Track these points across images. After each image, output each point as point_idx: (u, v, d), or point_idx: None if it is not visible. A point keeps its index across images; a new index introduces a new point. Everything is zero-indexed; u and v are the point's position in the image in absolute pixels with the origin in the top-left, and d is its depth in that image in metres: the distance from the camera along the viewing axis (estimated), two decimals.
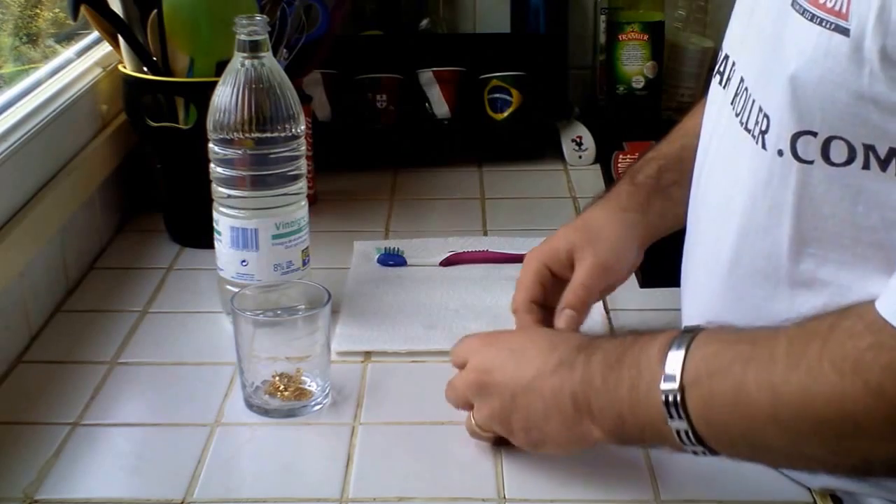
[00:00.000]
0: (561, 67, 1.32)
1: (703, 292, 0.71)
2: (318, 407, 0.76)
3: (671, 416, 0.58)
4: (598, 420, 0.62)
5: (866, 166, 0.57)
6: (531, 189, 1.19)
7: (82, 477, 0.69)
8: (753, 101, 0.64)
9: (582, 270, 0.77)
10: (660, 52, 1.30)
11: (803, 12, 0.58)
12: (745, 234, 0.65)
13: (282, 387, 0.76)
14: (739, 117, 0.66)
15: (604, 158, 1.23)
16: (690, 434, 0.58)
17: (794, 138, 0.59)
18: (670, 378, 0.58)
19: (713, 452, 0.59)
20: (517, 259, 0.99)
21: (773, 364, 0.55)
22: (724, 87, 0.70)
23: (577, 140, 1.27)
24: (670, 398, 0.58)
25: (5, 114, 0.91)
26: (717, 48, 1.31)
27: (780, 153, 0.60)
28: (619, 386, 0.61)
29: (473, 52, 1.29)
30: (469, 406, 0.70)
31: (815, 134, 0.58)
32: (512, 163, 1.26)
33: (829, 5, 0.56)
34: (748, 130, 0.64)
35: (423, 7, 1.37)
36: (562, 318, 0.75)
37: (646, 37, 1.29)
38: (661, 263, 0.84)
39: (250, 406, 0.76)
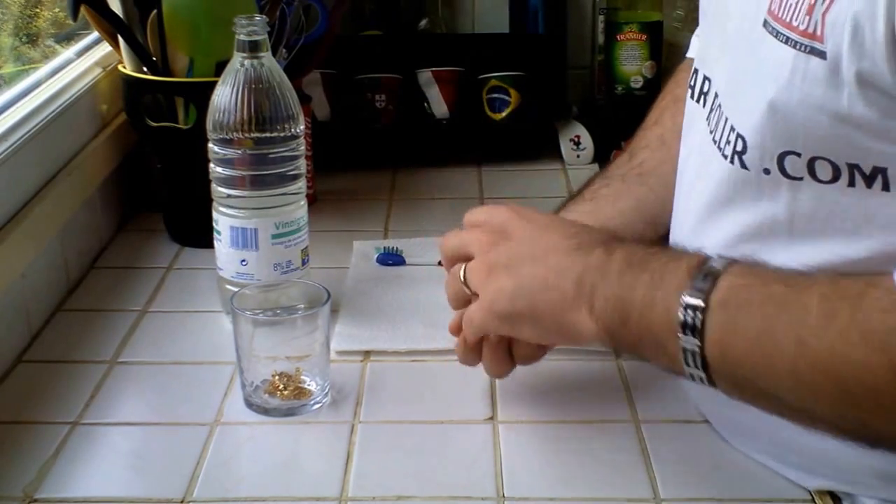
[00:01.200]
0: (559, 67, 1.33)
1: None
2: (317, 406, 0.76)
3: (684, 332, 0.56)
4: (596, 311, 0.61)
5: (851, 183, 0.57)
6: (530, 189, 1.19)
7: (82, 476, 0.69)
8: (726, 120, 0.63)
9: None
10: (658, 51, 1.30)
11: (776, 35, 0.58)
12: (733, 248, 0.64)
13: (281, 386, 0.76)
14: (713, 135, 0.65)
15: (602, 158, 1.23)
16: (697, 356, 0.56)
17: (781, 157, 0.59)
18: (697, 293, 0.56)
19: (710, 383, 0.57)
20: None
21: (807, 316, 0.53)
22: (698, 103, 0.70)
23: (576, 140, 1.27)
24: (689, 313, 0.56)
25: (5, 114, 0.91)
26: None
27: (767, 171, 0.60)
28: (636, 285, 0.59)
29: (472, 52, 1.29)
30: (454, 262, 0.70)
31: (799, 154, 0.58)
32: (510, 162, 1.26)
33: (803, 28, 0.56)
34: (719, 149, 0.64)
35: (422, 7, 1.37)
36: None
37: (644, 37, 1.29)
38: None
39: (250, 405, 0.76)
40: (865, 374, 0.52)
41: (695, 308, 0.56)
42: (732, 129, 0.62)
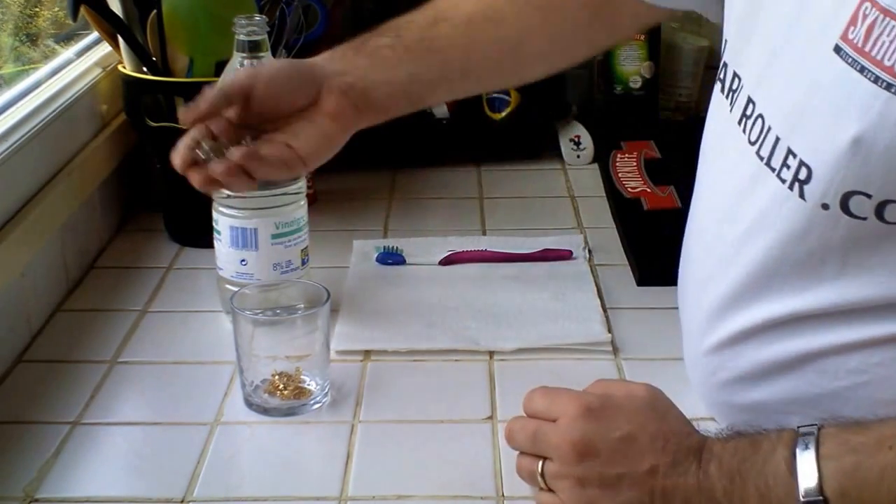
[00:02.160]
0: None
1: (705, 302, 0.69)
2: (317, 406, 0.76)
3: None
4: None
5: None
6: (529, 188, 1.19)
7: (82, 476, 0.69)
8: (778, 140, 0.61)
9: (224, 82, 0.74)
10: (656, 51, 1.30)
11: (861, 70, 0.55)
12: (773, 272, 0.62)
13: (281, 385, 0.76)
14: (757, 148, 0.63)
15: (602, 158, 1.23)
16: None
17: (847, 196, 0.57)
18: (808, 490, 0.55)
19: None
20: (516, 258, 1.00)
21: None
22: (728, 99, 0.68)
23: (576, 139, 1.27)
24: None
25: (5, 114, 0.90)
26: (713, 47, 1.32)
27: (826, 206, 0.58)
28: (746, 499, 0.58)
29: None
30: (525, 450, 0.64)
31: (869, 196, 0.56)
32: (510, 162, 1.26)
33: (889, 64, 0.53)
34: (771, 168, 0.61)
35: (422, 6, 1.37)
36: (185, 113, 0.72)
37: (642, 37, 1.29)
38: (658, 261, 0.84)
39: (250, 405, 0.76)
40: None
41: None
42: (793, 154, 0.60)
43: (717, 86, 0.71)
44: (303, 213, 0.88)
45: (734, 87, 0.68)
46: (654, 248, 0.94)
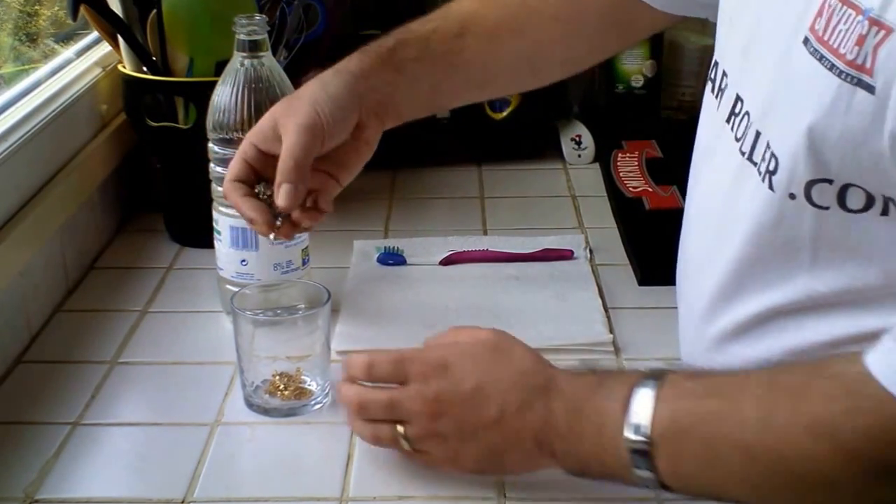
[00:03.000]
0: None
1: (699, 301, 0.70)
2: (318, 406, 0.76)
3: (637, 469, 0.58)
4: (560, 461, 0.63)
5: (885, 212, 0.56)
6: (531, 188, 1.19)
7: (83, 477, 0.69)
8: (759, 134, 0.62)
9: (286, 138, 0.73)
10: (659, 50, 1.30)
11: (820, 58, 0.55)
12: (749, 266, 0.63)
13: (282, 386, 0.76)
14: (741, 144, 0.64)
15: (603, 157, 1.23)
16: (656, 482, 0.59)
17: (809, 185, 0.57)
18: (638, 432, 0.58)
19: (675, 492, 0.60)
20: (517, 258, 0.99)
21: (745, 426, 0.55)
22: (716, 98, 0.69)
23: (577, 139, 1.27)
24: (637, 450, 0.58)
25: (5, 114, 0.90)
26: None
27: (793, 196, 0.59)
28: (583, 435, 0.61)
29: None
30: (382, 419, 0.67)
31: (830, 181, 0.57)
32: (511, 162, 1.25)
33: (851, 57, 0.53)
34: (753, 163, 0.62)
35: (423, 6, 1.37)
36: (280, 194, 0.73)
37: None
38: (660, 261, 0.84)
39: (250, 405, 0.76)
40: (816, 465, 0.53)
41: (640, 447, 0.58)
42: (769, 146, 0.60)
43: (709, 85, 0.71)
44: None
45: (722, 85, 0.68)
46: (655, 247, 0.93)
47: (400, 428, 0.65)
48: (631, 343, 0.85)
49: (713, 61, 0.71)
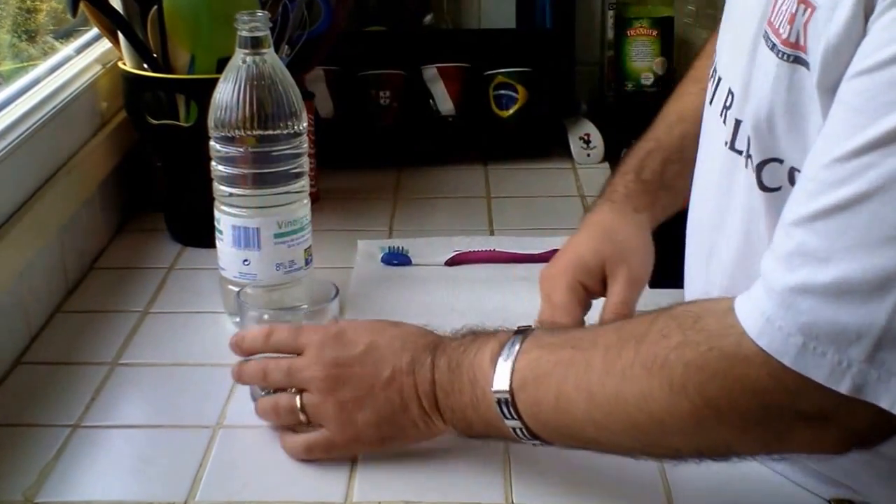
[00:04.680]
0: (568, 63, 1.31)
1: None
2: None
3: (506, 417, 0.62)
4: (448, 418, 0.66)
5: None
6: (538, 188, 1.18)
7: (83, 479, 0.69)
8: (738, 123, 0.63)
9: (619, 287, 0.77)
10: (669, 47, 1.29)
11: (766, 40, 0.58)
12: (743, 254, 0.64)
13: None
14: (727, 133, 0.65)
15: (612, 157, 1.22)
16: (525, 430, 0.63)
17: (760, 167, 0.59)
18: (501, 382, 0.62)
19: (549, 444, 0.64)
20: (524, 259, 0.99)
21: (590, 369, 0.59)
22: (713, 93, 0.70)
23: (585, 138, 1.26)
24: (502, 400, 0.62)
25: (4, 111, 0.90)
26: None
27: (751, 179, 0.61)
28: (462, 390, 0.64)
29: (478, 48, 1.28)
30: (280, 386, 0.69)
31: (781, 161, 0.58)
32: (518, 161, 1.25)
33: (785, 36, 0.56)
34: (738, 152, 0.63)
35: (427, 2, 1.36)
36: None
37: (655, 32, 1.28)
38: (669, 264, 0.83)
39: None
40: (649, 402, 0.56)
41: (504, 396, 0.62)
42: (745, 132, 0.62)
43: (709, 80, 0.72)
44: (306, 211, 0.87)
45: (716, 79, 0.70)
46: (663, 249, 0.92)
47: (297, 398, 0.68)
48: None
49: (714, 56, 0.72)
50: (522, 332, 0.64)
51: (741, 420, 0.54)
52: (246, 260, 0.85)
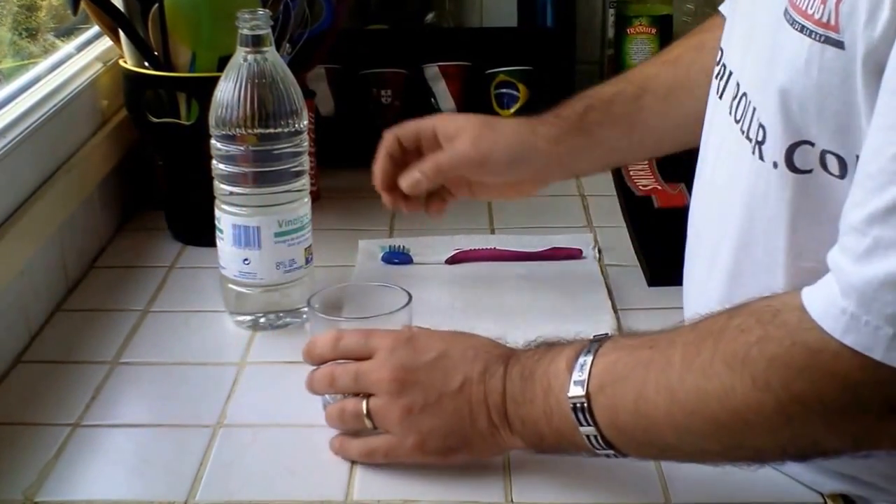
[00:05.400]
0: (569, 62, 1.31)
1: (703, 300, 0.70)
2: None
3: (581, 423, 0.60)
4: (517, 430, 0.64)
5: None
6: None
7: (83, 478, 0.68)
8: (754, 110, 0.63)
9: (450, 150, 0.82)
10: (668, 45, 1.29)
11: (793, 24, 0.58)
12: (745, 245, 0.64)
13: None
14: (740, 124, 0.65)
15: None
16: (600, 439, 0.61)
17: (790, 150, 0.59)
18: (577, 387, 0.60)
19: (622, 455, 0.62)
20: (525, 257, 0.99)
21: (670, 367, 0.57)
22: (719, 86, 0.70)
23: None
24: (578, 406, 0.60)
25: (4, 110, 0.89)
26: None
27: (776, 165, 0.60)
28: (535, 399, 0.63)
29: (480, 47, 1.28)
30: (348, 391, 0.68)
31: (812, 144, 0.58)
32: None
33: (817, 17, 0.55)
34: (749, 139, 0.63)
35: (429, 1, 1.36)
36: (405, 178, 0.83)
37: (654, 31, 1.28)
38: (670, 262, 0.83)
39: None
40: (732, 399, 0.55)
41: (580, 402, 0.60)
42: (758, 119, 0.62)
43: (714, 74, 0.72)
44: (306, 210, 0.87)
45: (724, 73, 0.70)
46: (665, 247, 0.92)
47: (364, 403, 0.67)
48: None
49: (719, 50, 0.72)
50: (599, 340, 0.63)
51: (830, 414, 0.53)
52: (246, 259, 0.85)
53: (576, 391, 0.60)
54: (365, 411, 0.67)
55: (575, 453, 0.63)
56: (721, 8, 0.84)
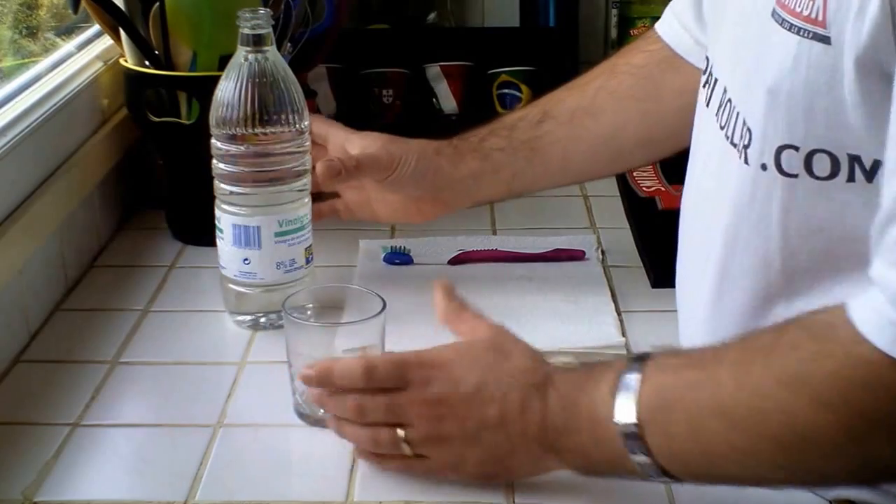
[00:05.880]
0: (572, 62, 1.31)
1: (694, 304, 0.70)
2: None
3: (633, 452, 0.59)
4: (566, 460, 0.63)
5: (851, 178, 0.57)
6: None
7: (82, 478, 0.68)
8: (738, 114, 0.63)
9: (364, 153, 0.84)
10: None
11: (782, 23, 0.57)
12: (733, 248, 0.64)
13: None
14: (724, 130, 0.65)
15: None
16: (655, 468, 0.59)
17: (778, 152, 0.59)
18: (626, 415, 0.58)
19: (678, 482, 0.60)
20: (527, 258, 0.98)
21: (721, 389, 0.56)
22: (706, 93, 0.70)
23: None
24: (629, 435, 0.58)
25: (4, 108, 0.89)
26: None
27: (764, 167, 0.60)
28: (580, 429, 0.61)
29: (482, 47, 1.28)
30: (380, 422, 0.66)
31: (797, 148, 0.58)
32: None
33: (805, 13, 0.55)
34: (734, 145, 0.63)
35: (431, 0, 1.36)
36: (322, 161, 0.83)
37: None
38: (674, 264, 0.82)
39: (301, 416, 0.73)
40: (792, 419, 0.53)
41: (631, 431, 0.58)
42: (744, 123, 0.62)
43: (701, 81, 0.72)
44: (306, 210, 0.86)
45: (711, 80, 0.70)
46: (669, 249, 0.92)
47: (401, 431, 0.65)
48: (644, 347, 0.83)
49: (705, 60, 0.72)
50: (639, 359, 0.60)
51: (893, 428, 0.51)
52: (246, 259, 0.85)
53: (625, 419, 0.58)
54: (404, 440, 0.65)
55: (629, 479, 0.61)
56: (665, 25, 0.85)
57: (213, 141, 0.85)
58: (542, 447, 0.63)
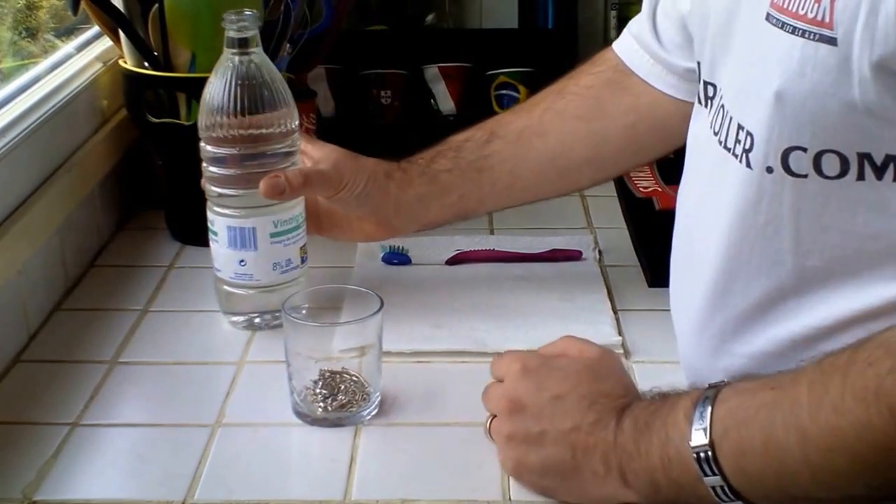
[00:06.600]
0: (570, 63, 1.29)
1: (690, 307, 0.70)
2: (369, 415, 0.74)
3: (705, 473, 0.58)
4: (631, 484, 0.62)
5: (861, 177, 0.57)
6: None
7: (82, 477, 0.68)
8: (731, 119, 0.63)
9: (314, 168, 0.84)
10: None
11: (782, 26, 0.57)
12: (736, 251, 0.64)
13: (329, 395, 0.73)
14: (718, 136, 0.65)
15: None
16: (726, 488, 0.58)
17: (785, 154, 0.59)
18: (699, 434, 0.58)
19: (751, 503, 0.59)
20: (524, 258, 0.98)
21: (798, 407, 0.55)
22: (699, 101, 0.70)
23: None
24: (702, 455, 0.58)
25: (4, 109, 0.89)
26: None
27: (770, 170, 0.60)
28: (651, 451, 0.60)
29: (480, 48, 1.28)
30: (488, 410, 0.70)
31: (805, 149, 0.58)
32: None
33: (811, 16, 0.55)
34: (728, 149, 0.63)
35: (429, 1, 1.36)
36: (267, 179, 0.81)
37: None
38: (669, 263, 0.83)
39: (298, 415, 0.74)
40: (871, 433, 0.52)
41: (704, 450, 0.58)
42: (741, 127, 0.62)
43: (695, 102, 0.72)
44: (301, 209, 0.86)
45: (710, 94, 0.69)
46: (665, 249, 0.92)
47: (488, 420, 0.69)
48: (640, 346, 0.84)
49: (696, 65, 0.72)
50: (715, 387, 0.60)
51: None
52: (242, 260, 0.85)
53: (698, 439, 0.58)
54: (487, 427, 0.69)
55: (693, 502, 0.60)
56: (623, 45, 0.86)
57: (201, 143, 0.84)
58: (606, 467, 0.62)
